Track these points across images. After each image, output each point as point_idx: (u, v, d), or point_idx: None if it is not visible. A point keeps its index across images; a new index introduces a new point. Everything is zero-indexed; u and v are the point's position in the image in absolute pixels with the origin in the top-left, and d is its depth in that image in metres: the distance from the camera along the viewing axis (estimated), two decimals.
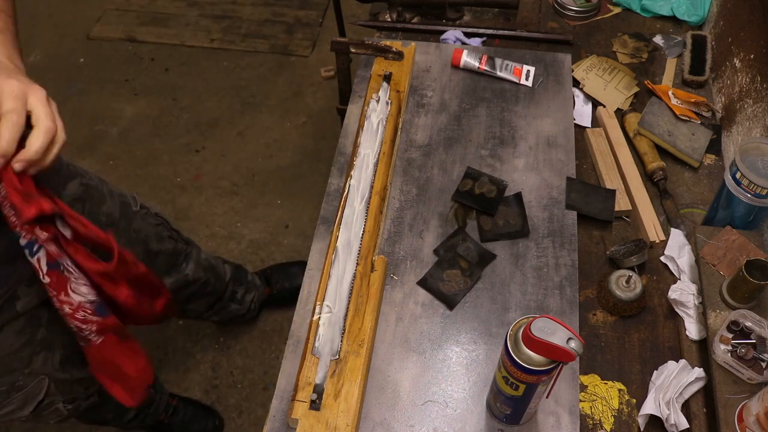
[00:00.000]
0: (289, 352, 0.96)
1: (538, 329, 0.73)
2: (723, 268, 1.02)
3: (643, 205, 1.18)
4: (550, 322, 0.73)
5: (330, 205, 1.12)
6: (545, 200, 1.13)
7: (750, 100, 1.22)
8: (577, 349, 0.72)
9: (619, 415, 0.96)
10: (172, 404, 1.72)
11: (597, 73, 1.38)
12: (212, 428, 1.77)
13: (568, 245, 1.07)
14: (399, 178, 1.16)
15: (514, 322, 0.78)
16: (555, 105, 1.26)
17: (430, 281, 1.03)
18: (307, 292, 1.02)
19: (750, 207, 1.04)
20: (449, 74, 1.32)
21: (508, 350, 0.76)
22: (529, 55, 1.34)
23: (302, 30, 2.82)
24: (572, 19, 1.53)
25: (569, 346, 0.72)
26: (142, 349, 1.08)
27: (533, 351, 0.74)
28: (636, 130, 1.27)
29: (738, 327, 0.94)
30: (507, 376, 0.80)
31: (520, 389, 0.80)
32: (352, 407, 0.88)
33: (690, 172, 1.26)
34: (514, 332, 0.77)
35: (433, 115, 1.25)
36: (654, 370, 0.98)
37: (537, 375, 0.76)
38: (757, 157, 1.03)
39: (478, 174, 1.15)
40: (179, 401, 1.75)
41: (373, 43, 1.30)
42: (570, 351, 0.72)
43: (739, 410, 0.88)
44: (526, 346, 0.75)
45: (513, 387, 0.80)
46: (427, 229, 1.10)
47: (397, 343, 0.97)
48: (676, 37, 1.48)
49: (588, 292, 1.09)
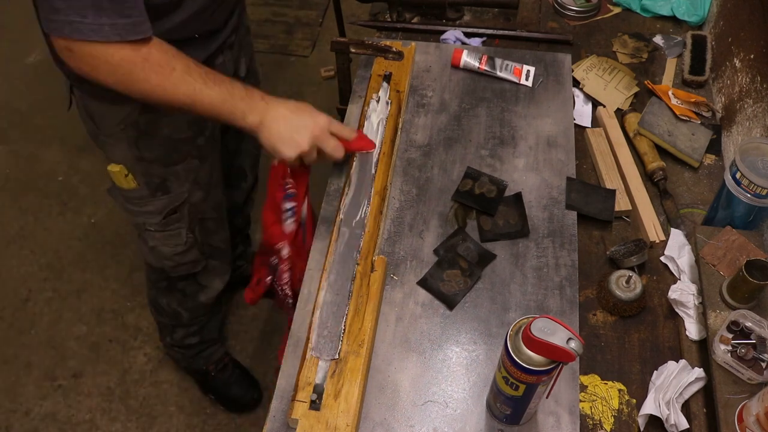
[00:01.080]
0: (289, 352, 0.96)
1: (538, 329, 0.73)
2: (723, 268, 1.02)
3: (643, 205, 1.18)
4: (550, 323, 0.73)
5: (330, 205, 1.12)
6: (545, 200, 1.12)
7: (750, 100, 1.22)
8: (577, 349, 0.72)
9: (619, 415, 0.96)
10: (224, 360, 1.79)
11: (597, 73, 1.38)
12: (250, 399, 1.81)
13: (568, 245, 1.07)
14: (399, 178, 1.16)
15: (514, 323, 0.78)
16: (555, 105, 1.26)
17: (430, 281, 1.03)
18: (307, 292, 1.02)
19: (750, 207, 1.04)
20: (449, 74, 1.32)
21: (508, 350, 0.76)
22: (529, 55, 1.34)
23: (302, 30, 2.82)
24: (572, 19, 1.53)
25: (569, 346, 0.72)
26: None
27: (533, 351, 0.74)
28: (636, 130, 1.27)
29: (738, 327, 0.94)
30: (507, 376, 0.80)
31: (520, 389, 0.80)
32: (352, 407, 0.88)
33: (690, 172, 1.26)
34: (514, 332, 0.77)
35: (433, 115, 1.25)
36: (654, 370, 0.98)
37: (537, 375, 0.76)
38: (757, 157, 1.03)
39: (478, 174, 1.15)
40: (231, 361, 1.82)
41: (373, 43, 1.30)
42: (570, 351, 0.72)
43: (739, 410, 0.88)
44: (526, 346, 0.75)
45: (513, 387, 0.80)
46: (427, 229, 1.10)
47: (397, 343, 0.97)
48: (676, 37, 1.47)
49: (588, 292, 1.09)
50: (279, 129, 1.01)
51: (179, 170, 1.23)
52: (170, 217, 1.28)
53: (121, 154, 1.17)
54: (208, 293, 1.53)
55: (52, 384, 1.87)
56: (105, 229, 2.20)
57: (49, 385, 1.87)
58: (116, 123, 1.13)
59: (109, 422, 1.80)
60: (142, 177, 1.21)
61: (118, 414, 1.82)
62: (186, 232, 1.32)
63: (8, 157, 2.42)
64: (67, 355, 1.92)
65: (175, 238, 1.32)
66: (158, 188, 1.23)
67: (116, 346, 1.94)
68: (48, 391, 1.86)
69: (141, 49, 0.92)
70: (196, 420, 1.80)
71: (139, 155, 1.17)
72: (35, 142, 2.45)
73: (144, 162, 1.18)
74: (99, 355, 1.92)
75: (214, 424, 1.80)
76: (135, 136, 1.15)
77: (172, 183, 1.24)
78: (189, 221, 1.31)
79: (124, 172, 1.19)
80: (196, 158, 1.24)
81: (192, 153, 1.23)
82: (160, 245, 1.33)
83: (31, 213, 2.25)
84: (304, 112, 1.04)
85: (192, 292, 1.52)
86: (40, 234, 2.20)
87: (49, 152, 2.42)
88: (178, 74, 0.94)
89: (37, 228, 2.21)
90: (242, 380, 1.82)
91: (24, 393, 1.86)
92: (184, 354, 1.74)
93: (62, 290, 2.06)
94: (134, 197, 1.24)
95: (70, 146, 2.42)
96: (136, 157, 1.17)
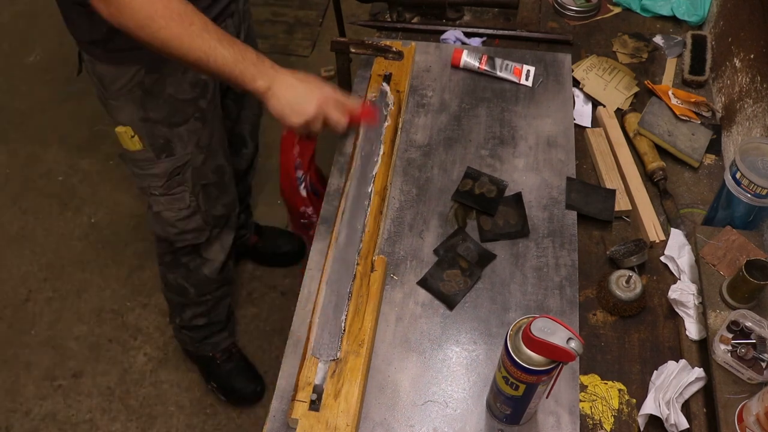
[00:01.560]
0: (289, 352, 0.96)
1: (538, 329, 0.73)
2: (723, 268, 1.02)
3: (643, 205, 1.17)
4: (550, 322, 0.73)
5: (330, 205, 1.12)
6: (545, 200, 1.12)
7: (750, 100, 1.22)
8: (577, 349, 0.72)
9: (619, 415, 0.96)
10: (230, 350, 1.81)
11: (597, 73, 1.38)
12: (251, 392, 1.81)
13: (568, 245, 1.07)
14: (399, 178, 1.16)
15: (514, 322, 0.78)
16: (555, 105, 1.26)
17: (430, 281, 1.03)
18: (307, 292, 1.02)
19: (750, 207, 1.04)
20: (449, 74, 1.31)
21: (508, 350, 0.76)
22: (529, 55, 1.34)
23: (302, 30, 2.82)
24: (572, 19, 1.53)
25: (569, 346, 0.72)
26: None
27: (533, 351, 0.74)
28: (636, 130, 1.27)
29: (738, 327, 0.94)
30: (507, 376, 0.80)
31: (520, 389, 0.80)
32: (351, 407, 0.88)
33: (690, 172, 1.26)
34: (513, 332, 0.77)
35: (433, 115, 1.25)
36: (654, 370, 0.98)
37: (537, 375, 0.76)
38: (757, 157, 1.03)
39: (478, 174, 1.15)
40: (237, 352, 1.83)
41: (373, 43, 1.30)
42: (570, 351, 0.72)
43: (739, 410, 0.88)
44: (526, 346, 0.75)
45: (513, 387, 0.80)
46: (427, 229, 1.10)
47: (397, 343, 0.97)
48: (676, 37, 1.47)
49: (588, 292, 1.09)
50: (287, 95, 1.05)
51: (182, 131, 1.26)
52: (174, 179, 1.31)
53: (127, 115, 1.22)
54: (211, 266, 1.56)
55: (52, 384, 1.87)
56: (105, 229, 2.20)
57: (49, 385, 1.87)
58: (123, 84, 1.18)
59: (109, 422, 1.80)
60: (147, 138, 1.25)
61: (118, 414, 1.82)
62: (189, 195, 1.35)
63: (8, 157, 2.41)
64: (67, 355, 1.92)
65: (178, 202, 1.36)
66: (162, 149, 1.27)
67: (116, 346, 1.94)
68: (48, 391, 1.86)
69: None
70: (196, 420, 1.80)
71: (145, 116, 1.22)
72: (35, 142, 2.44)
73: (149, 122, 1.23)
74: (99, 355, 1.92)
75: (214, 424, 1.80)
76: (140, 96, 1.19)
77: (176, 145, 1.27)
78: (192, 185, 1.34)
79: (130, 133, 1.23)
80: (199, 120, 1.27)
81: (194, 114, 1.26)
82: (164, 210, 1.37)
83: (31, 213, 2.25)
84: (311, 81, 1.08)
85: (195, 267, 1.55)
86: (40, 234, 2.20)
87: (49, 152, 2.41)
88: (197, 29, 0.98)
89: (37, 228, 2.21)
90: (247, 372, 1.83)
91: (24, 393, 1.86)
92: (192, 337, 1.75)
93: (62, 290, 2.06)
94: (140, 159, 1.28)
95: (70, 146, 2.42)
96: (142, 118, 1.22)
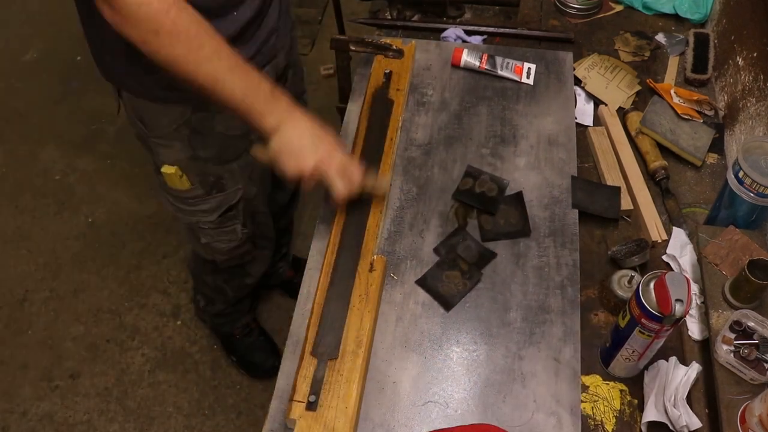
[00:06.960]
0: (289, 352, 0.96)
1: (670, 278, 0.82)
2: (725, 268, 1.01)
3: (645, 205, 1.17)
4: (684, 282, 0.82)
5: (330, 204, 1.11)
6: (546, 199, 1.12)
7: (753, 98, 1.22)
8: (678, 310, 0.80)
9: (621, 415, 0.95)
10: (249, 325, 1.83)
11: (599, 71, 1.38)
12: (270, 366, 1.81)
13: (570, 245, 1.06)
14: (399, 177, 1.15)
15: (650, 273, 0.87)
16: (556, 104, 1.25)
17: (430, 281, 1.02)
18: (306, 292, 1.01)
19: (753, 206, 1.03)
20: (450, 72, 1.31)
21: (638, 291, 0.86)
22: (530, 54, 1.34)
23: (301, 28, 2.81)
24: (574, 17, 1.52)
25: (673, 304, 0.81)
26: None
27: (656, 294, 0.83)
28: (638, 129, 1.26)
29: (740, 327, 0.93)
30: (626, 310, 0.89)
31: (624, 321, 0.90)
32: (350, 407, 0.87)
33: (692, 171, 1.25)
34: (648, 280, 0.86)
35: (434, 113, 1.24)
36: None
37: (646, 315, 0.84)
38: (760, 156, 1.03)
39: (478, 173, 1.15)
40: (256, 328, 1.85)
41: (373, 41, 1.29)
42: (672, 307, 0.80)
43: (742, 411, 0.87)
44: (655, 288, 0.84)
45: (623, 316, 0.90)
46: (427, 228, 1.09)
47: (397, 343, 0.97)
48: (678, 35, 1.47)
49: (589, 292, 1.08)
50: (291, 139, 0.96)
51: (234, 167, 1.22)
52: (226, 214, 1.28)
53: (174, 155, 1.16)
54: (251, 279, 1.58)
55: (49, 385, 1.86)
56: (102, 229, 2.19)
57: (46, 385, 1.86)
58: (169, 123, 1.11)
59: (107, 423, 1.79)
60: (196, 177, 1.20)
61: (115, 415, 1.81)
62: (241, 227, 1.33)
63: (5, 156, 2.40)
64: (65, 356, 1.91)
65: (230, 234, 1.33)
66: (213, 186, 1.22)
67: (114, 347, 1.93)
68: (45, 391, 1.85)
69: (170, 11, 0.87)
70: (194, 421, 1.80)
71: (194, 154, 1.16)
72: (32, 140, 2.43)
73: (199, 161, 1.17)
74: (96, 356, 1.91)
75: (213, 425, 1.79)
76: (188, 135, 1.13)
77: (227, 180, 1.23)
78: (243, 217, 1.32)
79: (178, 174, 1.17)
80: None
81: (246, 149, 1.19)
82: (214, 241, 1.34)
83: (28, 212, 2.24)
84: (323, 137, 0.98)
85: (238, 275, 1.55)
86: (37, 233, 2.19)
87: (46, 151, 2.40)
88: (206, 53, 0.90)
89: (34, 227, 2.20)
90: (265, 346, 1.85)
91: (21, 394, 1.85)
92: (214, 320, 1.78)
93: (59, 290, 2.05)
94: (188, 197, 1.24)
95: (67, 145, 2.41)
96: (191, 157, 1.16)
